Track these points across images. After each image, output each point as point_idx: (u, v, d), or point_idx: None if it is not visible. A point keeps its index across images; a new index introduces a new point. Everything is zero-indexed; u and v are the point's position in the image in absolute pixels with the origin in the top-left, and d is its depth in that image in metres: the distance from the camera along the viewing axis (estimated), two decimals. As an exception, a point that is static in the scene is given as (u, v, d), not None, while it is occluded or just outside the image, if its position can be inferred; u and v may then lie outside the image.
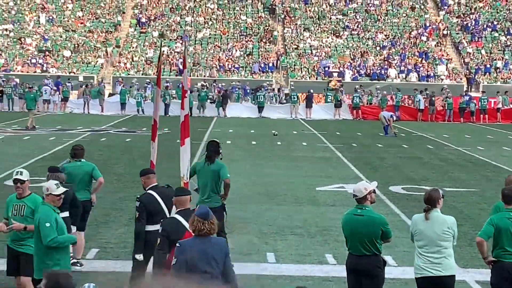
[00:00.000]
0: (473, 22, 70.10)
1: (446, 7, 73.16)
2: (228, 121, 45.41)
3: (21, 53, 64.82)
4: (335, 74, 60.47)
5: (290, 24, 70.43)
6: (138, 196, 11.42)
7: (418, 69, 63.16)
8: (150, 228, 10.96)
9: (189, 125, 12.71)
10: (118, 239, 14.94)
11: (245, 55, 65.86)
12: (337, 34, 68.79)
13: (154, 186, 11.39)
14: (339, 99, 50.24)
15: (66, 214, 11.54)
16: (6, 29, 68.05)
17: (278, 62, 64.58)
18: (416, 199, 20.41)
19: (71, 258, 12.30)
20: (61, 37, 67.45)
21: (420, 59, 64.93)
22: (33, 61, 63.38)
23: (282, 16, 71.45)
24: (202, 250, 8.01)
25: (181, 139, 12.45)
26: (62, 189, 9.69)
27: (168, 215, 10.85)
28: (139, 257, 10.69)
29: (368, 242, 9.77)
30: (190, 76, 60.73)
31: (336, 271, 13.16)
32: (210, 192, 13.36)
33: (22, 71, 61.39)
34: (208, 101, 50.43)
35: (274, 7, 72.48)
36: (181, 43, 66.81)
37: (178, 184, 12.20)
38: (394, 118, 40.97)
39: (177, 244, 8.17)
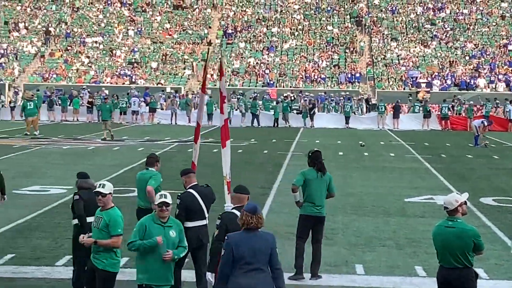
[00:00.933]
0: None
1: (537, 15, 71.70)
2: (314, 132, 45.24)
3: (110, 65, 65.88)
4: (423, 85, 59.77)
5: (377, 34, 69.93)
6: (179, 195, 11.75)
7: (509, 78, 61.93)
8: (189, 224, 11.34)
9: (228, 129, 12.99)
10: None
11: (332, 65, 65.63)
12: (425, 44, 68.01)
13: (194, 185, 11.80)
14: (428, 109, 49.64)
15: (92, 219, 11.45)
16: (96, 42, 69.28)
17: (366, 72, 64.21)
18: (508, 211, 19.96)
19: None
20: (149, 49, 68.35)
21: (510, 69, 63.66)
22: (122, 72, 64.35)
23: (369, 26, 70.99)
24: (249, 243, 8.31)
25: (222, 142, 12.67)
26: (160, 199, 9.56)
27: (206, 213, 11.53)
28: None
29: (459, 254, 9.53)
30: (276, 86, 60.86)
31: (426, 283, 12.90)
32: (323, 202, 13.48)
33: (111, 83, 62.38)
34: (295, 111, 50.39)
35: (361, 18, 72.07)
36: (267, 54, 67.00)
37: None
38: (485, 124, 39.86)
39: (226, 237, 8.51)
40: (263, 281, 8.30)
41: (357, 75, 63.61)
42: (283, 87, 61.22)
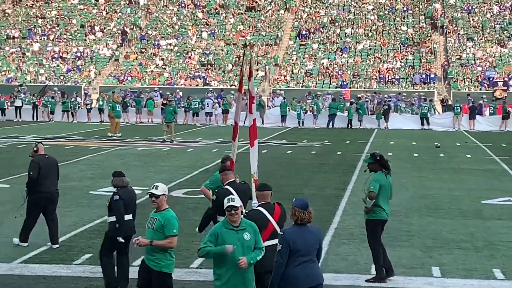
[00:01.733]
0: None
1: None
2: (389, 133, 44.88)
3: (184, 67, 66.40)
4: (500, 83, 58.83)
5: (452, 34, 69.09)
6: (217, 191, 12.31)
7: None
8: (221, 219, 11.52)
9: (256, 128, 13.12)
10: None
11: (406, 66, 65.06)
12: (502, 44, 66.94)
13: (231, 182, 12.26)
14: (507, 110, 48.77)
15: (129, 217, 12.24)
16: (170, 44, 69.92)
17: (441, 72, 63.46)
18: None
19: None
20: (222, 50, 68.70)
21: None
22: (196, 74, 64.82)
23: (444, 26, 70.16)
24: (303, 237, 8.91)
25: (251, 141, 12.88)
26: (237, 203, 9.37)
27: (243, 208, 11.23)
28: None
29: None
30: (350, 87, 60.61)
31: (505, 286, 12.68)
32: (388, 204, 13.41)
33: (185, 85, 62.87)
34: (369, 113, 50.08)
35: (436, 18, 71.29)
36: (341, 55, 66.76)
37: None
38: None
39: (281, 232, 9.12)
40: (316, 271, 9.04)
41: (432, 75, 62.93)
42: (357, 88, 60.92)
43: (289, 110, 50.16)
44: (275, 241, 9.75)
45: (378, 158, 13.27)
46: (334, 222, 17.58)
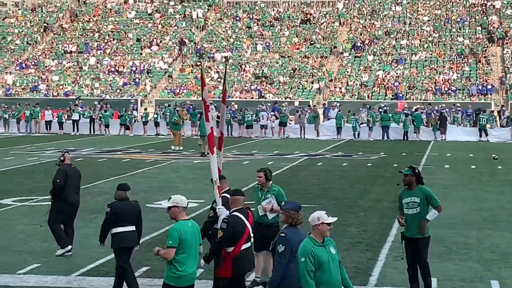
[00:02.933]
0: None
1: None
2: (446, 145, 44.47)
3: (239, 80, 66.62)
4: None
5: (510, 44, 68.29)
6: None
7: None
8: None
9: (214, 136, 13.28)
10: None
11: (463, 77, 64.47)
12: (560, 54, 66.01)
13: (227, 190, 12.51)
14: None
15: (132, 228, 12.66)
16: (225, 57, 70.22)
17: (498, 84, 62.76)
18: None
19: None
20: (277, 63, 68.79)
21: None
22: (251, 87, 64.98)
23: (501, 37, 69.37)
24: (299, 238, 9.20)
25: (210, 149, 12.99)
26: (333, 219, 9.18)
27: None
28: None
29: None
30: (405, 99, 60.23)
31: None
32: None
33: (240, 97, 63.04)
34: (424, 124, 49.68)
35: (493, 29, 70.55)
36: (396, 66, 66.39)
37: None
38: None
39: (282, 234, 9.40)
40: None
41: (489, 86, 62.25)
42: (413, 99, 60.50)
43: (344, 123, 50.01)
44: (249, 244, 10.80)
45: (417, 171, 12.70)
46: (391, 235, 17.43)
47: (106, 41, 74.72)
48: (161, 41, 73.99)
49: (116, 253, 12.62)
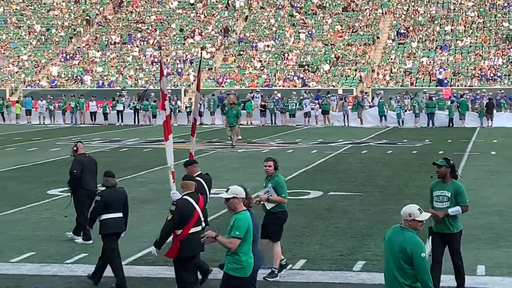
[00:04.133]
0: None
1: None
2: (492, 131, 44.00)
3: (282, 69, 66.50)
4: None
5: (555, 29, 67.38)
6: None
7: None
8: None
9: (170, 124, 13.73)
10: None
11: (508, 62, 63.71)
12: None
13: (199, 174, 13.25)
14: None
15: (120, 214, 12.82)
16: (268, 46, 70.11)
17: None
18: None
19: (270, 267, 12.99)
20: (320, 51, 68.54)
21: None
22: (294, 75, 64.85)
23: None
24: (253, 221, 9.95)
25: (165, 136, 13.39)
26: (426, 215, 8.71)
27: (209, 195, 13.29)
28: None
29: None
30: (450, 86, 59.68)
31: None
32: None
33: (283, 86, 62.95)
34: (470, 110, 49.22)
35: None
36: (440, 53, 65.79)
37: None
38: None
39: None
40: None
41: (535, 72, 61.48)
42: (458, 86, 59.94)
43: (387, 110, 49.71)
44: (200, 227, 11.21)
45: (451, 163, 12.15)
46: (438, 223, 17.25)
47: (149, 31, 75.01)
48: (203, 31, 74.07)
49: (105, 239, 12.75)
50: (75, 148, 16.29)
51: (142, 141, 39.27)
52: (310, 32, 71.35)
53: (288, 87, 62.42)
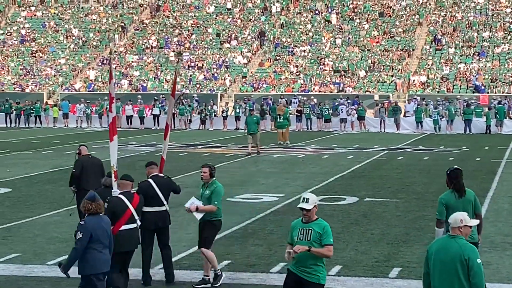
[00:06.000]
0: None
1: None
2: (529, 139, 43.60)
3: (318, 74, 66.43)
4: None
5: None
6: (139, 182, 13.18)
7: None
8: (146, 209, 12.77)
9: (116, 125, 13.83)
10: (419, 259, 14.65)
11: (547, 69, 63.15)
12: None
13: (155, 176, 13.30)
14: None
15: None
16: (304, 51, 70.08)
17: None
18: None
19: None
20: (356, 56, 68.36)
21: None
22: (330, 81, 64.75)
23: None
24: (100, 224, 10.35)
25: (110, 137, 13.50)
26: (475, 221, 8.86)
27: (163, 200, 13.11)
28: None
29: None
30: (488, 92, 59.23)
31: None
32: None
33: (319, 91, 62.86)
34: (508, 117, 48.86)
35: None
36: (478, 59, 65.31)
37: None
38: None
39: (81, 222, 10.37)
40: (108, 257, 10.44)
41: None
42: (495, 93, 59.48)
43: (424, 117, 49.44)
44: (133, 225, 11.84)
45: (448, 173, 11.99)
46: (474, 230, 17.14)
47: (185, 36, 75.29)
48: (240, 36, 74.20)
49: None
50: (78, 151, 17.18)
51: (177, 145, 39.40)
52: (346, 38, 71.16)
53: (324, 92, 62.33)
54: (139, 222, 12.06)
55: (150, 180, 13.18)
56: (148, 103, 56.27)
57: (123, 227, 11.71)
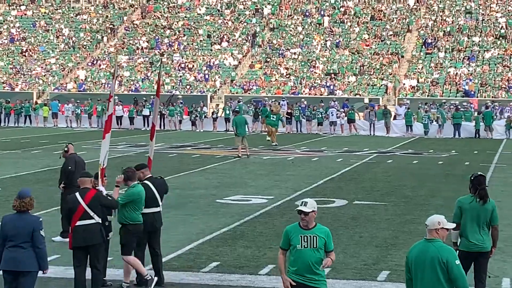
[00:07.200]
0: None
1: None
2: (518, 143, 43.72)
3: (308, 76, 66.47)
4: None
5: None
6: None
7: None
8: (145, 211, 12.84)
9: (111, 124, 14.08)
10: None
11: (536, 74, 63.36)
12: None
13: (149, 177, 13.33)
14: None
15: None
16: (294, 53, 70.13)
17: None
18: None
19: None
20: (347, 60, 68.44)
21: None
22: (321, 84, 64.80)
23: None
24: (15, 223, 10.21)
25: (103, 134, 13.77)
26: (452, 224, 8.65)
27: (160, 201, 13.14)
28: None
29: None
30: (477, 97, 59.41)
31: None
32: (480, 234, 11.42)
33: (309, 94, 62.90)
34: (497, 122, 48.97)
35: None
36: (468, 64, 65.46)
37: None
38: None
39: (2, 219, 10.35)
40: (24, 255, 10.17)
41: None
42: (484, 97, 59.64)
43: (414, 120, 49.53)
44: (88, 221, 11.81)
45: (472, 179, 11.64)
46: (463, 234, 17.16)
47: (176, 37, 75.23)
48: (230, 38, 74.18)
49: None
50: (66, 149, 17.19)
51: (167, 146, 39.37)
52: (337, 40, 71.21)
53: (315, 95, 62.37)
54: (97, 219, 11.87)
55: (147, 182, 13.18)
56: (127, 104, 56.28)
57: (78, 223, 11.87)
